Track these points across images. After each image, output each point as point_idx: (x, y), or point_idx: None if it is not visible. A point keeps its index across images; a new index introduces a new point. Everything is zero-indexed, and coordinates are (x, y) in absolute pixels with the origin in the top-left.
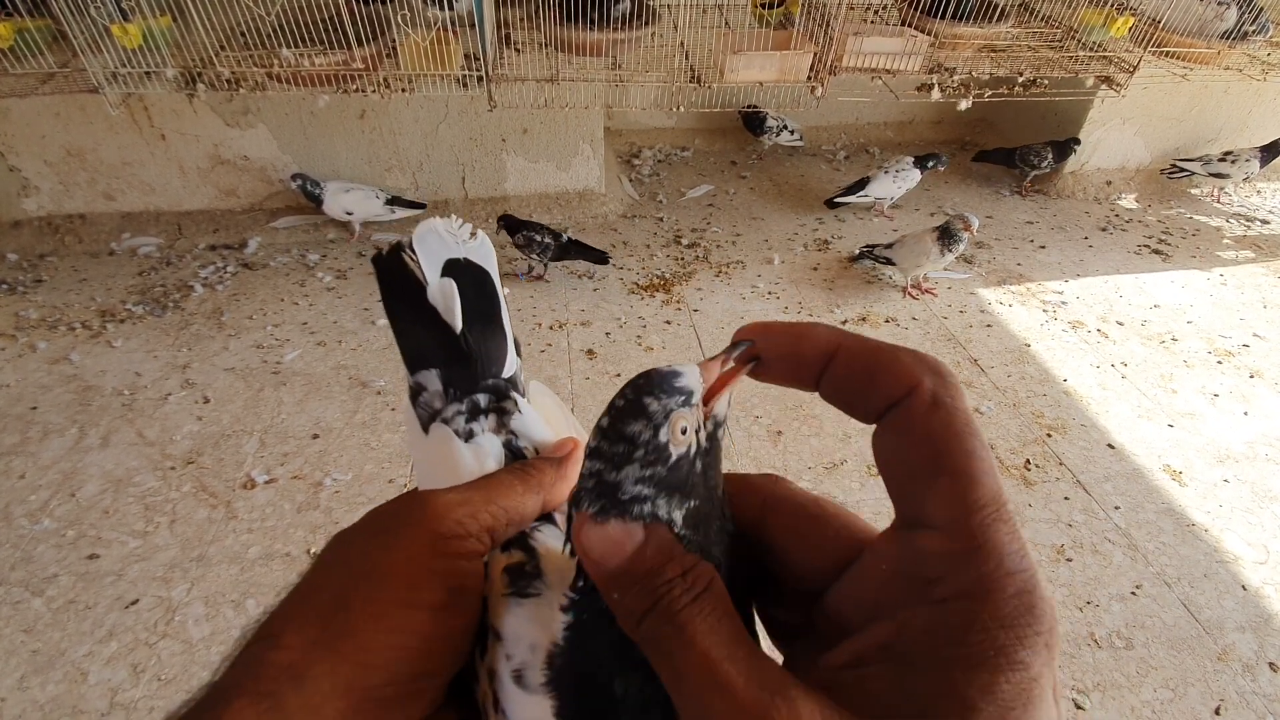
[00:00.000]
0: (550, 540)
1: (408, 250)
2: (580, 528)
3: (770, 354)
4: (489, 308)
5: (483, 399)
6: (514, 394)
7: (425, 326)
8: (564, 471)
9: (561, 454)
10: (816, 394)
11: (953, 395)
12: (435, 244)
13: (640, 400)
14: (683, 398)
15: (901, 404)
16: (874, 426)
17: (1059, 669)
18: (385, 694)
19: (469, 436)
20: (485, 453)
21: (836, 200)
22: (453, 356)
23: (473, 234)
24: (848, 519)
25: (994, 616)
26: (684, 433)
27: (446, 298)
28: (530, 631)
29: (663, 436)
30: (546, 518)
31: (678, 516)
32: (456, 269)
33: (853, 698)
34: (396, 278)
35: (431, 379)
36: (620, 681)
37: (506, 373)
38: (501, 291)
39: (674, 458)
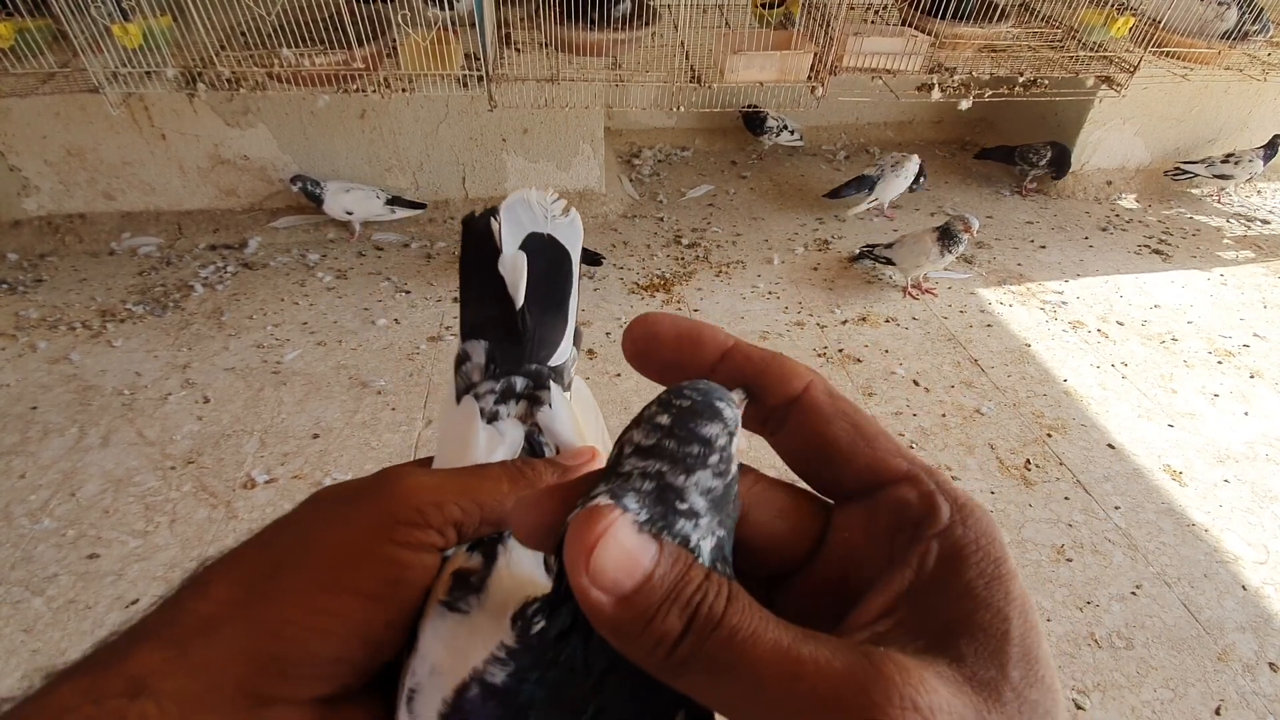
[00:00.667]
0: (521, 556)
1: (496, 216)
2: (594, 542)
3: (656, 351)
4: (559, 289)
5: (519, 382)
6: (553, 384)
7: (489, 296)
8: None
9: (574, 463)
10: None
11: (835, 391)
12: (523, 214)
13: (712, 404)
14: (737, 412)
15: (804, 396)
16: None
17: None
18: (294, 671)
19: (492, 418)
20: (501, 439)
21: (839, 195)
22: (505, 332)
23: (565, 210)
24: (806, 498)
25: (976, 535)
26: (736, 452)
27: (515, 270)
28: (437, 652)
29: (733, 447)
30: None
31: (706, 546)
32: (538, 243)
33: (909, 640)
34: (478, 241)
35: (478, 350)
36: None
37: (556, 360)
38: (578, 276)
39: (733, 474)
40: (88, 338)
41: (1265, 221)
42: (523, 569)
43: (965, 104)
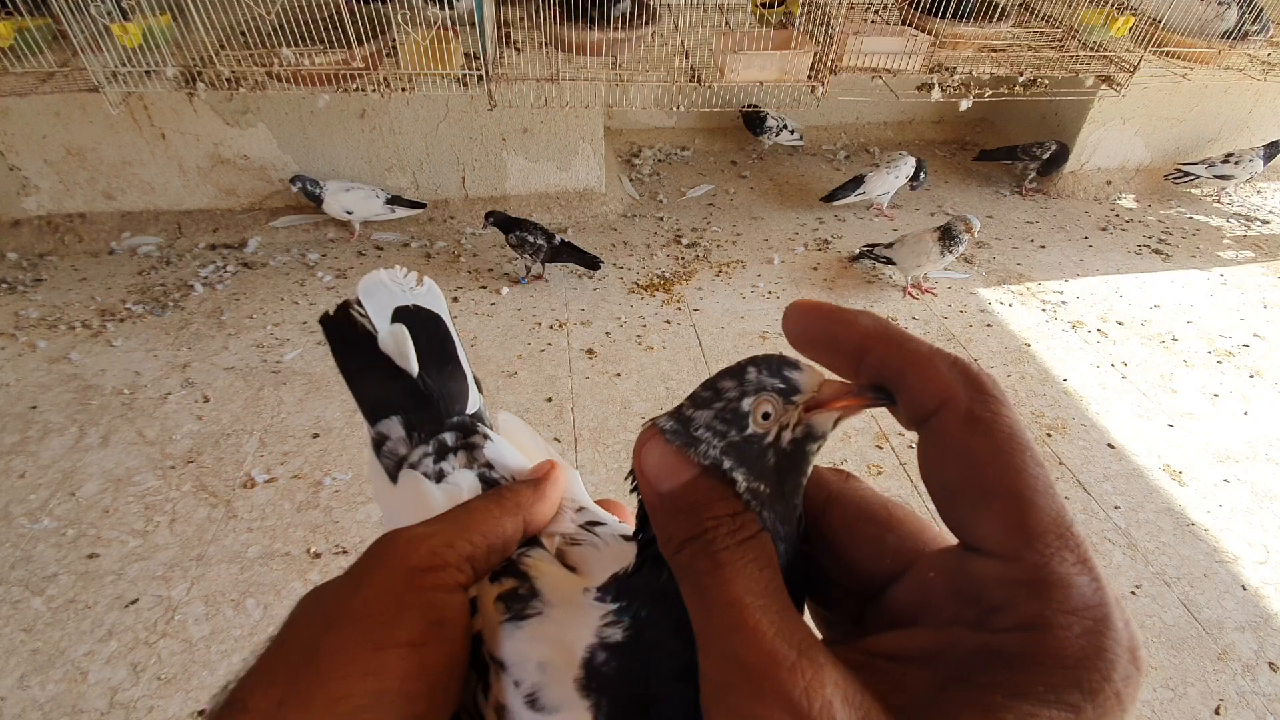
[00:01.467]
0: (542, 562)
1: (355, 305)
2: (644, 443)
3: (809, 339)
4: (444, 349)
5: (449, 437)
6: (481, 427)
7: (381, 376)
8: (542, 492)
9: (538, 475)
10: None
11: (993, 409)
12: (382, 294)
13: (744, 367)
14: (784, 386)
15: (935, 418)
16: (875, 426)
17: None
18: None
19: (440, 477)
20: (459, 489)
21: (835, 200)
22: (413, 401)
23: (419, 281)
24: (915, 527)
25: (1053, 656)
26: (765, 417)
27: (399, 343)
28: (538, 650)
29: (745, 405)
30: (532, 541)
31: (741, 478)
32: (406, 315)
33: (883, 687)
34: (346, 333)
35: (394, 426)
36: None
37: (470, 410)
38: (456, 333)
39: (749, 430)
40: (87, 337)
41: (1265, 221)
42: (555, 570)
43: (965, 104)
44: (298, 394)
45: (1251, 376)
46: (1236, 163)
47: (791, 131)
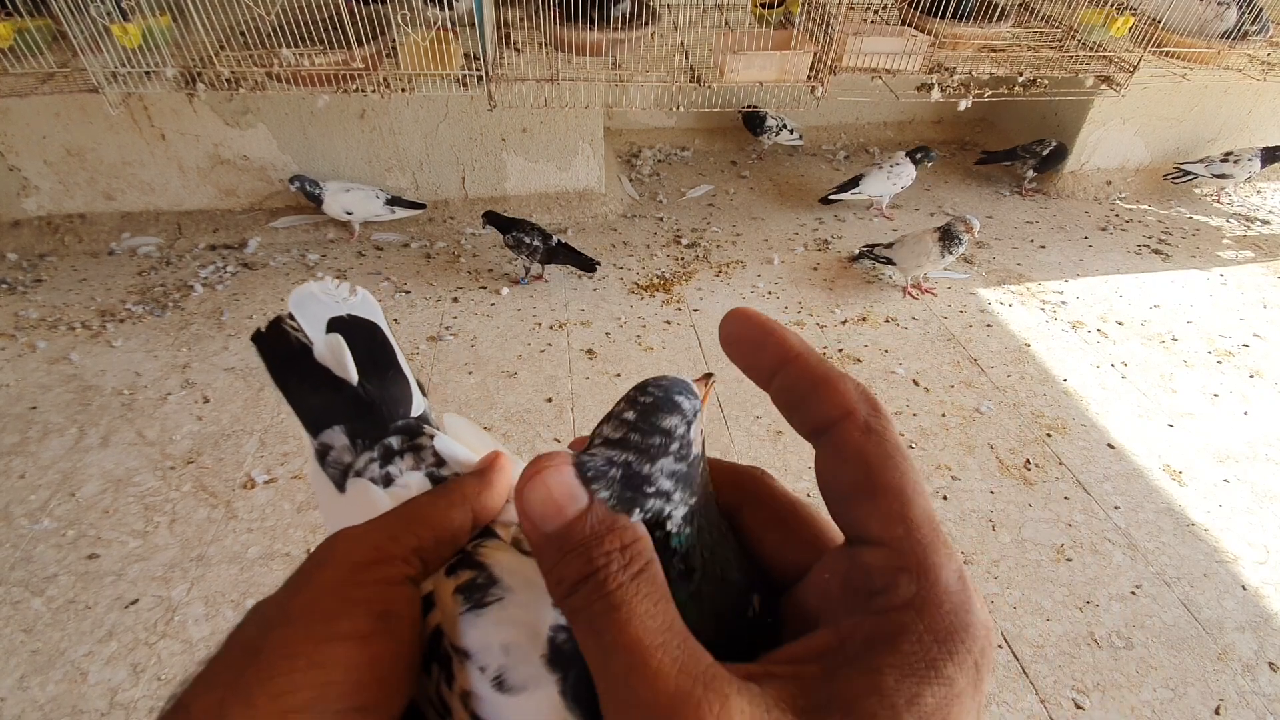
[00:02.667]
0: (498, 550)
1: (287, 319)
2: (525, 483)
3: (739, 340)
4: (383, 355)
5: (395, 441)
6: (426, 428)
7: (320, 387)
8: (488, 480)
9: (484, 466)
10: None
11: (884, 424)
12: (315, 306)
13: (671, 399)
14: (697, 400)
15: (836, 427)
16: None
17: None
18: None
19: (388, 481)
20: (408, 491)
21: (830, 198)
22: (355, 409)
23: (353, 291)
24: (819, 528)
25: (929, 630)
26: (699, 432)
27: (335, 351)
28: (500, 634)
29: (693, 433)
30: (487, 532)
31: (679, 514)
32: (341, 325)
33: (785, 694)
34: (280, 348)
35: (337, 436)
36: None
37: (415, 412)
38: (394, 339)
39: (693, 455)
40: (87, 338)
41: (1265, 221)
42: (511, 556)
43: (964, 104)
44: None
45: (1251, 376)
46: (1235, 161)
47: (791, 131)
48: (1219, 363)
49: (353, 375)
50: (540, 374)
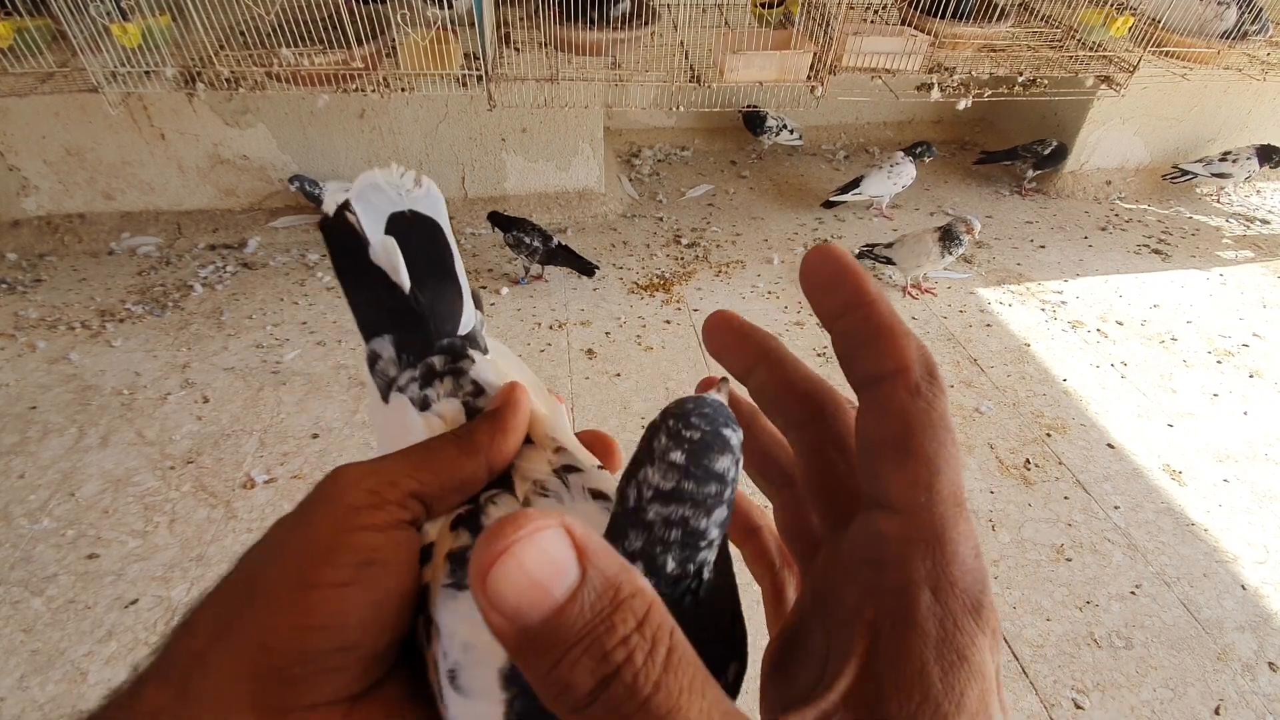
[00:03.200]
0: (532, 474)
1: (350, 210)
2: (488, 562)
3: (815, 274)
4: (441, 260)
5: (438, 361)
6: (471, 351)
7: (374, 289)
8: (502, 423)
9: (498, 404)
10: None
11: (935, 391)
12: (376, 198)
13: (720, 434)
14: (739, 431)
15: (885, 382)
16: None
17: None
18: (301, 675)
19: (425, 405)
20: (440, 421)
21: (832, 200)
22: (404, 319)
23: (418, 182)
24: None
25: (950, 614)
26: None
27: (389, 255)
28: (466, 629)
29: (738, 468)
30: (503, 483)
31: (712, 557)
32: (403, 221)
33: None
34: (341, 240)
35: (385, 345)
36: None
37: (464, 329)
38: (454, 241)
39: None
40: (87, 338)
41: (1265, 221)
42: None
43: (964, 104)
44: (298, 394)
45: (1251, 376)
46: (1234, 161)
47: (791, 131)
48: (1219, 363)
49: (405, 283)
50: (540, 374)
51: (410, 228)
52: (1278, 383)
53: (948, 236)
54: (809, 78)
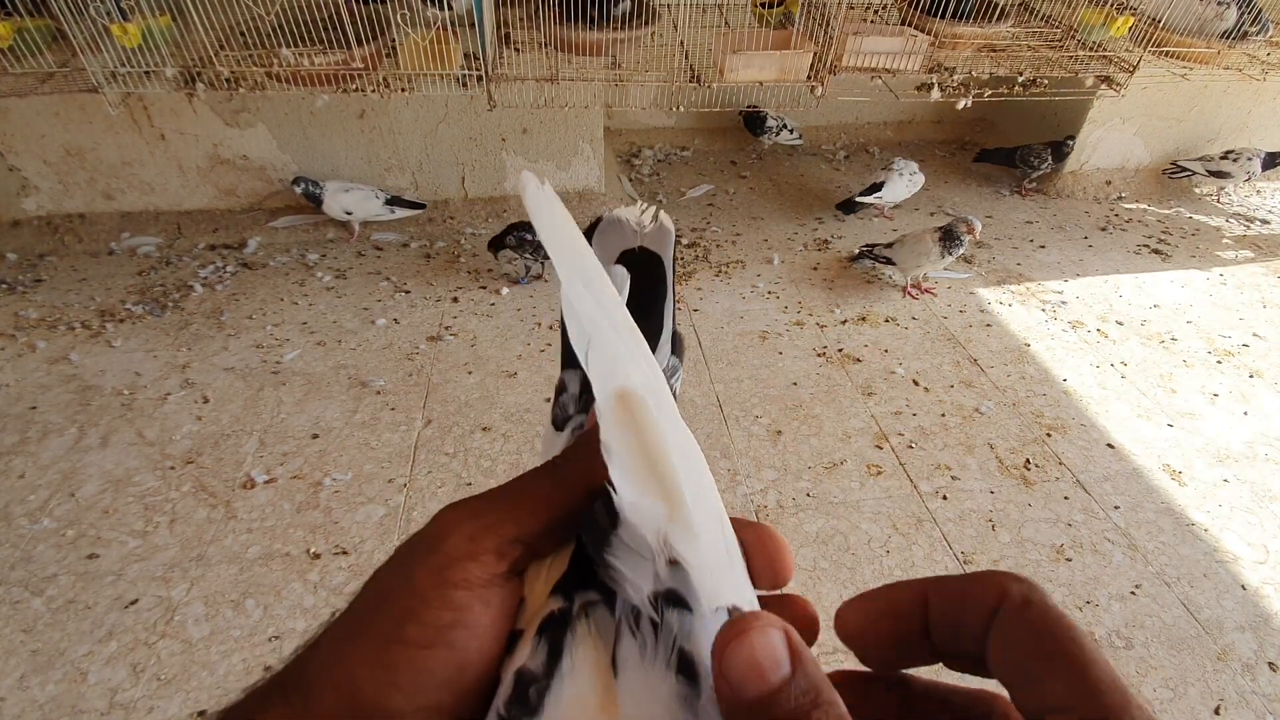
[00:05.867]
0: (585, 657)
1: (592, 233)
2: (727, 641)
3: (861, 626)
4: (652, 297)
5: None
6: None
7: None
8: (594, 449)
9: (592, 424)
10: (818, 396)
11: (1041, 594)
12: (615, 234)
13: None
14: None
15: (1000, 610)
16: (875, 427)
17: None
18: None
19: None
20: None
21: (856, 201)
22: None
23: (654, 219)
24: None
25: None
26: None
27: (619, 284)
28: None
29: None
30: (604, 589)
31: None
32: (630, 259)
33: None
34: None
35: (573, 380)
36: None
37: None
38: (673, 278)
39: None
40: (87, 338)
41: (1265, 221)
42: (582, 680)
43: (963, 104)
44: (297, 394)
45: (1251, 376)
46: (1234, 160)
47: (791, 131)
48: (1219, 363)
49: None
50: (540, 374)
51: (636, 263)
52: (1278, 383)
53: (948, 236)
54: (809, 78)
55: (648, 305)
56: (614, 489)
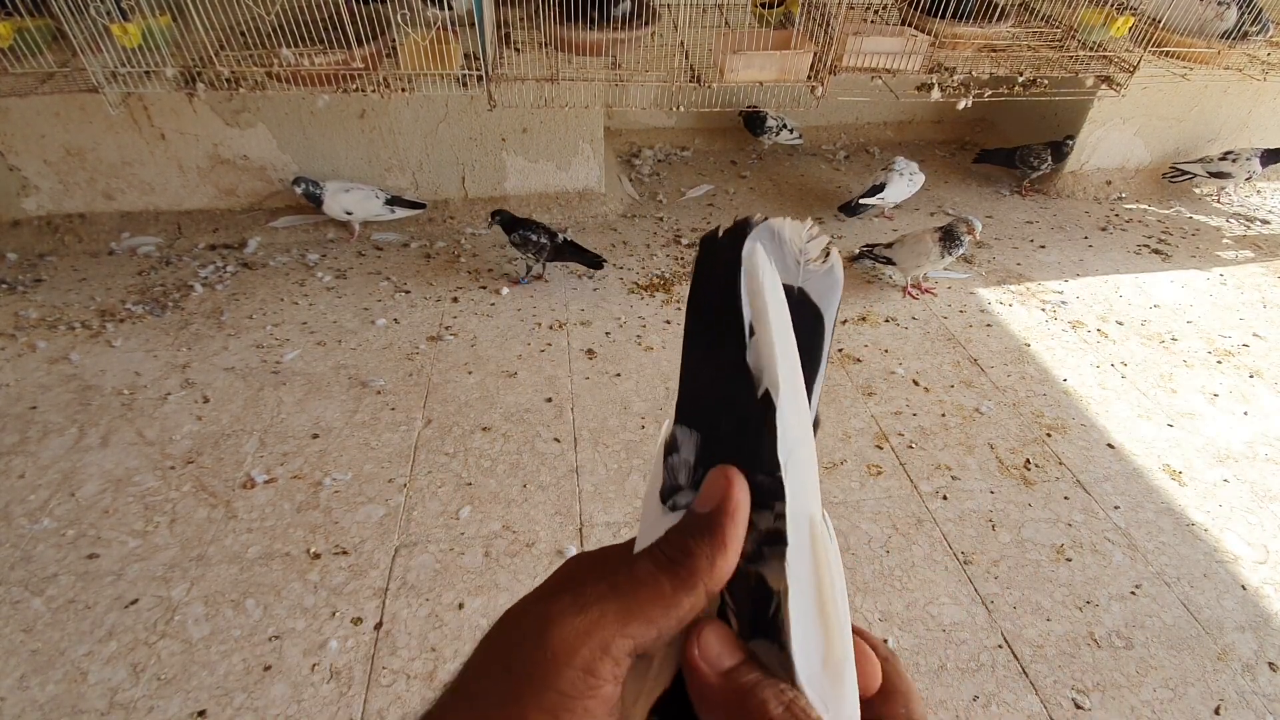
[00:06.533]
0: None
1: (746, 234)
2: (700, 629)
3: None
4: (807, 364)
5: None
6: (778, 504)
7: (714, 364)
8: (722, 541)
9: (713, 508)
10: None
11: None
12: (772, 254)
13: None
14: None
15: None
16: (875, 427)
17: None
18: None
19: None
20: None
21: (859, 204)
22: (728, 425)
23: (824, 256)
24: None
25: None
26: None
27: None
28: None
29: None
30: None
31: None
32: (788, 301)
33: None
34: (722, 271)
35: (688, 442)
36: None
37: (783, 460)
38: (830, 342)
39: None
40: (87, 338)
41: (1265, 221)
42: None
43: (964, 104)
44: (297, 394)
45: (1251, 376)
46: (1234, 160)
47: (791, 131)
48: (1219, 363)
49: (764, 383)
50: (540, 374)
51: (793, 310)
52: (1278, 383)
53: (948, 237)
54: (809, 78)
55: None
56: (788, 641)
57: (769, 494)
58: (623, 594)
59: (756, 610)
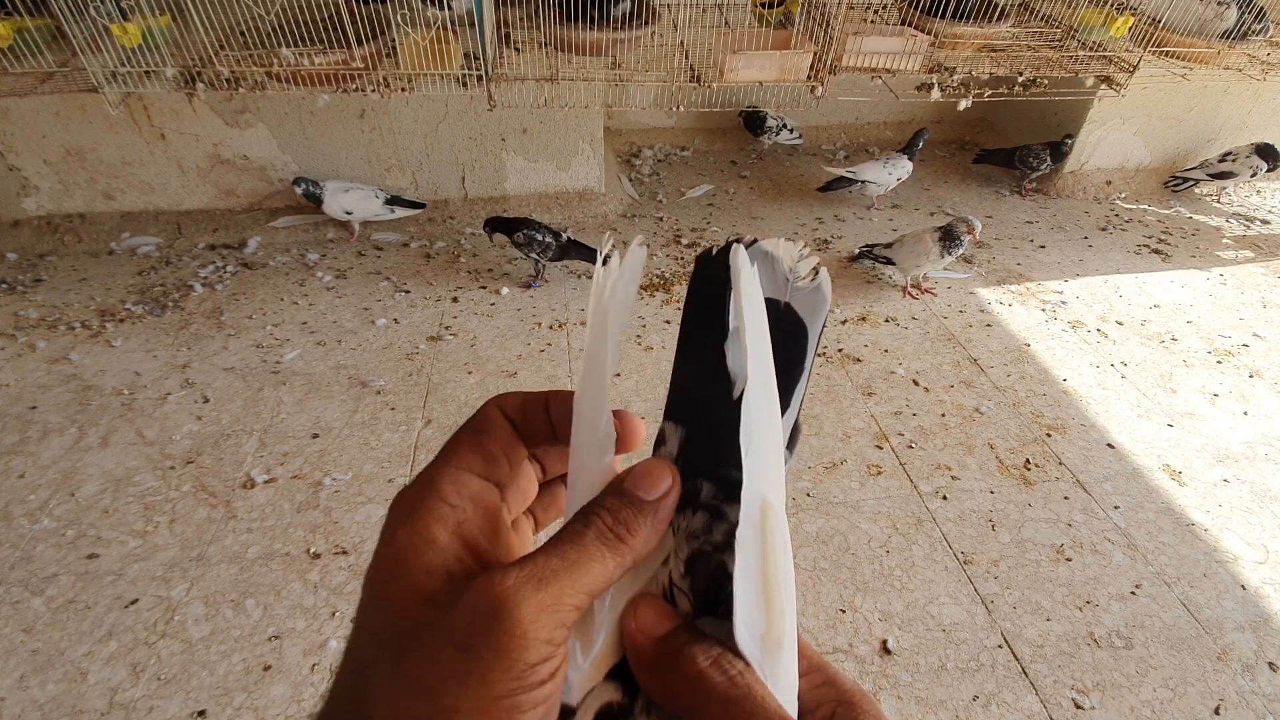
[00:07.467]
0: None
1: (738, 249)
2: (640, 602)
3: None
4: (786, 376)
5: (705, 489)
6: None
7: (701, 369)
8: (663, 528)
9: (653, 494)
10: (818, 396)
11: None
12: (761, 273)
13: None
14: None
15: None
16: (875, 427)
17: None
18: None
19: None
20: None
21: (832, 183)
22: (708, 423)
23: (814, 274)
24: None
25: None
26: None
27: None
28: None
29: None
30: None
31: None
32: (771, 313)
33: None
34: (712, 283)
35: (674, 437)
36: None
37: (744, 445)
38: (813, 357)
39: None
40: (87, 337)
41: (1265, 221)
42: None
43: (964, 104)
44: (297, 394)
45: (1251, 376)
46: (1234, 160)
47: (791, 131)
48: (1219, 363)
49: (737, 389)
50: (540, 374)
51: (777, 323)
52: (1278, 383)
53: (948, 236)
54: (809, 78)
55: (780, 383)
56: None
57: (740, 488)
58: (574, 567)
59: (711, 592)
